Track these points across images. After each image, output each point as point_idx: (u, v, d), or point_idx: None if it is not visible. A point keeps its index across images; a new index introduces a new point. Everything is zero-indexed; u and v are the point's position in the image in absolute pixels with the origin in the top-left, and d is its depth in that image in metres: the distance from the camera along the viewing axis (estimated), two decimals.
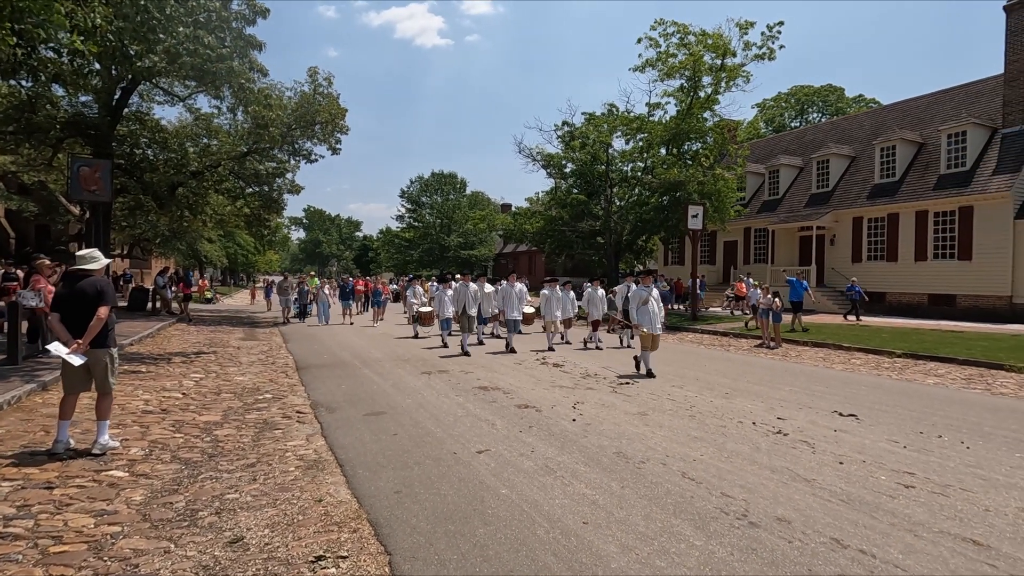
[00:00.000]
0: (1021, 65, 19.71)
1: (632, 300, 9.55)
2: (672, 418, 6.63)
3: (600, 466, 4.89)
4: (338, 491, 4.38)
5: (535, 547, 3.41)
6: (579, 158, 27.06)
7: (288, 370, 10.11)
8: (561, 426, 6.21)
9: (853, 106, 51.46)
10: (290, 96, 19.39)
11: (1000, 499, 4.20)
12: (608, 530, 3.64)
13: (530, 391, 8.15)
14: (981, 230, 19.41)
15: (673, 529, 3.66)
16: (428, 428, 6.11)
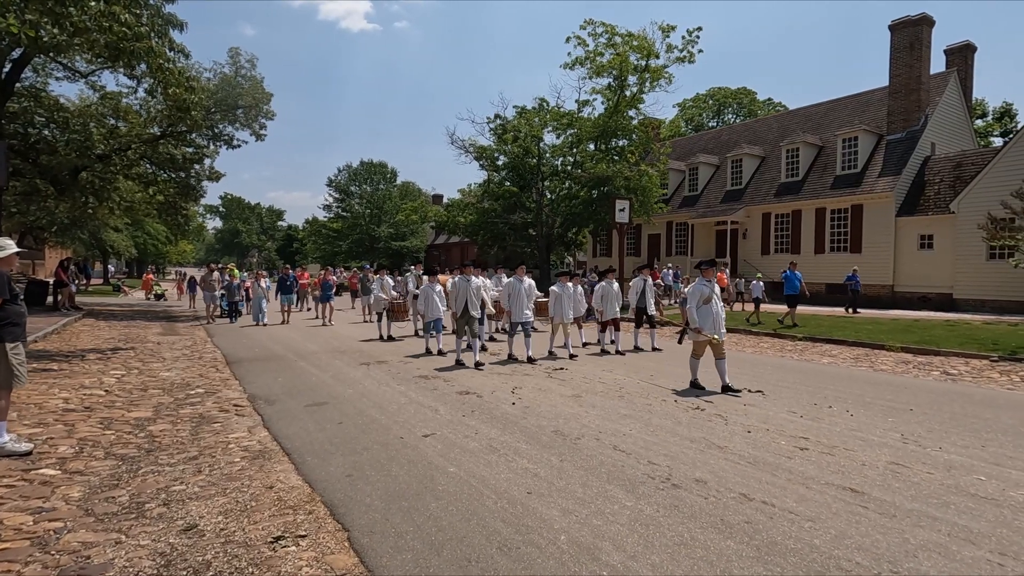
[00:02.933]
0: (903, 79, 22.11)
1: (691, 297, 7.61)
2: (604, 399, 7.14)
3: (540, 443, 5.27)
4: (288, 478, 4.48)
5: (485, 516, 3.72)
6: (511, 151, 27.45)
7: (218, 364, 9.80)
8: (502, 409, 6.54)
9: (764, 109, 55.23)
10: (209, 78, 18.39)
11: (874, 455, 4.97)
12: (550, 498, 4.01)
13: (469, 379, 8.43)
14: (869, 226, 21.69)
15: (607, 494, 4.09)
16: (373, 416, 6.25)
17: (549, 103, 28.48)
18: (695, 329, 7.43)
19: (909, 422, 6.14)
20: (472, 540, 3.40)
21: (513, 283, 10.14)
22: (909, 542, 3.37)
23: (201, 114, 15.98)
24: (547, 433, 5.60)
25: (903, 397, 7.47)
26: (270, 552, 3.30)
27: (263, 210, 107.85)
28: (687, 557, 3.19)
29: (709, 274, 7.71)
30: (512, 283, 10.15)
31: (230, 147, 20.60)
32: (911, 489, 4.20)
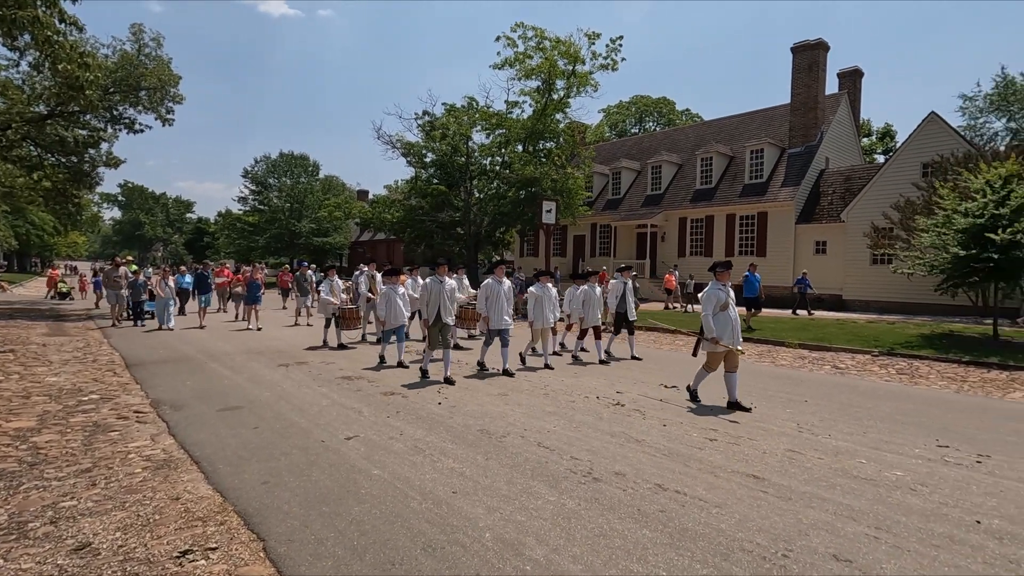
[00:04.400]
0: (803, 97, 24.09)
1: (706, 304, 6.81)
2: (529, 397, 7.26)
3: (466, 443, 5.28)
4: (197, 487, 4.22)
5: (409, 517, 3.69)
6: (440, 149, 27.22)
7: (116, 368, 9.01)
8: (428, 409, 6.49)
9: (682, 119, 58.21)
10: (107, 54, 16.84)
11: (774, 444, 5.41)
12: (475, 496, 4.04)
13: (395, 379, 8.29)
14: (773, 232, 23.46)
15: (531, 490, 4.17)
16: (292, 419, 6.00)
17: (478, 102, 28.51)
18: (712, 339, 6.68)
19: (804, 412, 6.72)
20: (396, 543, 3.36)
21: (492, 285, 8.83)
22: (802, 522, 3.70)
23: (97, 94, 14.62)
24: (473, 432, 5.62)
25: (799, 390, 8.16)
26: (176, 568, 3.10)
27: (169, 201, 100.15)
28: (606, 547, 3.32)
29: (724, 277, 6.90)
30: (491, 285, 8.84)
31: (132, 131, 18.94)
32: (804, 473, 4.60)
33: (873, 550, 3.33)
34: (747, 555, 3.25)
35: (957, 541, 3.47)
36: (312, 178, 53.68)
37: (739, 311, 7.88)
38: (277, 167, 51.31)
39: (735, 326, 6.77)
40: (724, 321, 6.73)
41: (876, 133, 43.37)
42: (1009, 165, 11.79)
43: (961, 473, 4.68)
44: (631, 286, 11.12)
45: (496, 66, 24.83)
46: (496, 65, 24.85)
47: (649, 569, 3.09)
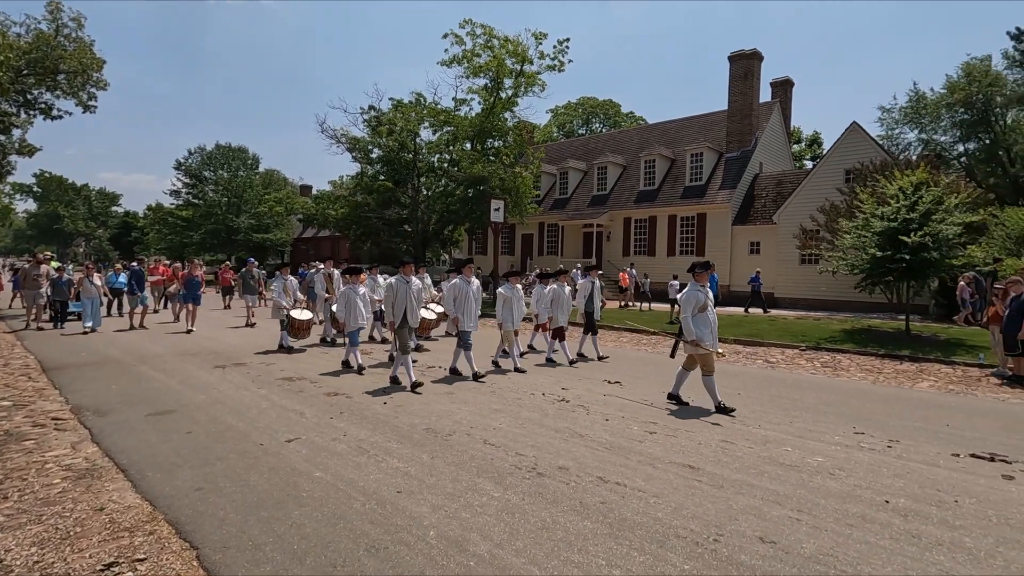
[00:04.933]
0: (739, 104, 25.24)
1: (685, 305, 6.66)
2: (476, 395, 7.29)
3: (412, 442, 5.25)
4: (124, 497, 4.01)
5: (352, 519, 3.65)
6: (386, 144, 26.75)
7: (31, 372, 8.38)
8: (373, 410, 6.40)
9: (627, 121, 59.69)
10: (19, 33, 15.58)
11: (709, 435, 5.67)
12: (420, 495, 4.04)
13: (339, 380, 8.12)
14: (711, 232, 24.46)
15: (477, 487, 4.21)
16: (229, 423, 5.78)
17: (426, 99, 28.22)
18: (692, 341, 6.60)
19: (737, 405, 7.08)
20: (338, 545, 3.31)
21: (460, 285, 8.35)
22: (732, 507, 3.91)
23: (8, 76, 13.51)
24: (419, 431, 5.59)
25: (734, 384, 8.58)
26: None
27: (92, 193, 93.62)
28: (549, 540, 3.40)
29: (703, 278, 6.81)
30: (459, 285, 8.36)
31: (49, 117, 17.60)
32: (736, 462, 4.86)
33: (795, 531, 3.57)
34: (681, 541, 3.41)
35: (868, 520, 3.76)
36: (251, 172, 51.55)
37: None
38: (213, 159, 48.94)
39: (714, 328, 6.74)
40: (704, 323, 6.65)
41: (805, 140, 45.99)
42: (919, 173, 12.81)
43: (874, 457, 5.07)
44: (598, 285, 10.98)
45: (444, 63, 24.65)
46: (444, 62, 24.67)
47: (589, 559, 3.19)
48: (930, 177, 12.91)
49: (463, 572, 3.04)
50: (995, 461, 5.03)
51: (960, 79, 32.01)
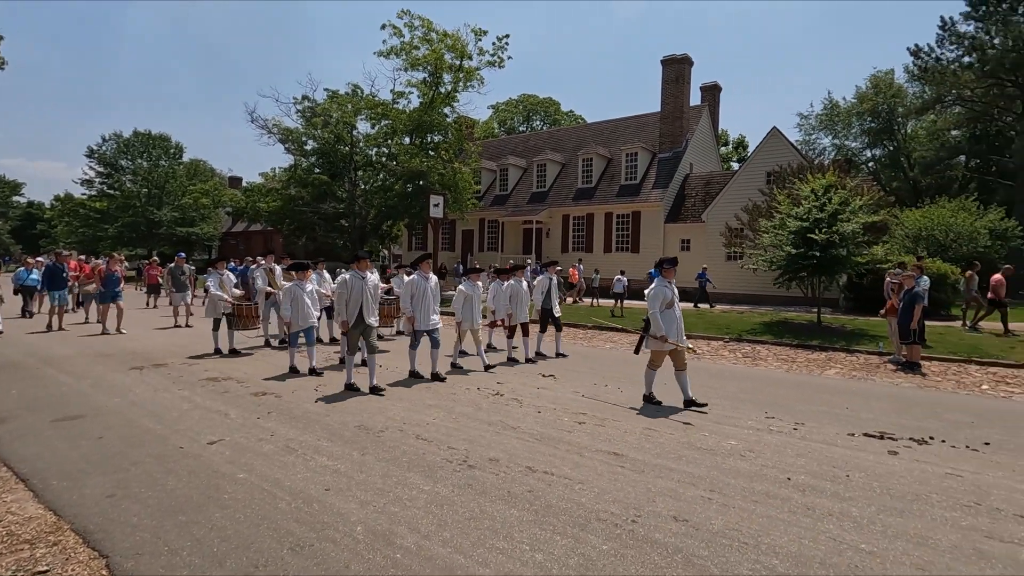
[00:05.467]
0: (671, 107, 26.25)
1: (652, 301, 6.64)
2: (411, 392, 7.27)
3: (342, 439, 5.20)
4: (24, 507, 3.76)
5: (277, 518, 3.59)
6: (321, 136, 25.98)
7: None
8: (303, 408, 6.27)
9: (566, 119, 60.64)
10: None
11: (633, 424, 5.95)
12: (349, 492, 4.02)
13: (269, 379, 7.88)
14: (645, 230, 25.36)
15: (407, 481, 4.24)
16: (146, 426, 5.50)
17: (363, 90, 27.61)
18: (660, 337, 6.57)
19: (664, 395, 7.42)
20: (261, 545, 3.27)
21: (417, 281, 7.96)
22: (651, 490, 4.14)
23: None
24: (350, 429, 5.54)
25: (661, 375, 8.95)
26: None
27: None
28: (475, 529, 3.50)
29: (670, 274, 6.80)
30: (416, 281, 7.97)
31: None
32: (657, 448, 5.13)
33: (706, 509, 3.84)
34: (602, 524, 3.59)
35: (771, 496, 4.09)
36: (174, 161, 48.56)
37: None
38: (131, 147, 45.70)
39: (680, 324, 6.75)
40: (670, 319, 6.64)
41: (732, 143, 48.43)
42: (828, 177, 13.84)
43: (781, 439, 5.50)
44: (556, 281, 10.80)
45: (382, 54, 24.20)
46: (382, 53, 24.22)
47: (514, 544, 3.31)
48: (838, 180, 13.97)
49: (389, 565, 3.08)
50: (883, 439, 5.57)
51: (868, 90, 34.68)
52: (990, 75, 27.45)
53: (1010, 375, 9.50)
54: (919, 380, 9.08)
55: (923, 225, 21.09)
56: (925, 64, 29.42)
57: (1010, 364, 10.09)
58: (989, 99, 28.55)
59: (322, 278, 10.91)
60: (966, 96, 28.48)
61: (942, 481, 4.45)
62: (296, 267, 8.53)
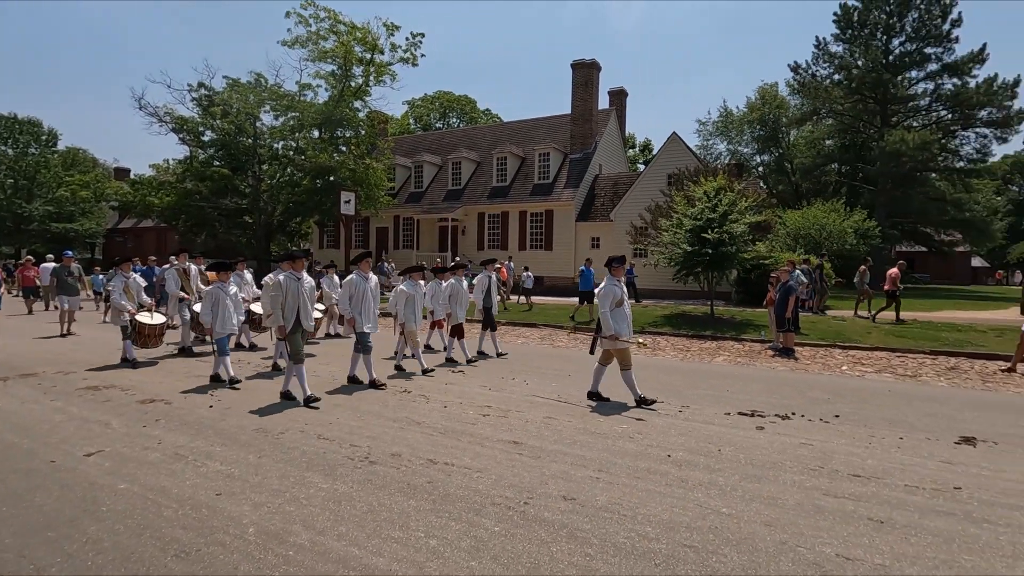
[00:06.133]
0: (581, 109, 27.21)
1: (602, 301, 6.62)
2: (315, 391, 7.12)
3: (238, 443, 5.05)
4: None
5: (162, 527, 3.46)
6: (221, 127, 24.45)
7: None
8: (197, 414, 5.98)
9: (483, 118, 60.92)
10: None
11: (535, 414, 6.23)
12: (243, 495, 3.94)
13: (158, 384, 7.41)
14: (558, 228, 26.14)
15: (305, 481, 4.21)
16: (10, 441, 5.02)
17: (267, 80, 26.27)
18: (611, 336, 6.57)
19: (567, 385, 7.82)
20: (143, 554, 3.15)
21: (356, 281, 7.53)
22: (544, 474, 4.40)
23: None
24: (248, 432, 5.38)
25: (567, 366, 9.41)
26: None
27: None
28: (372, 521, 3.57)
29: (619, 273, 6.82)
30: (355, 281, 7.53)
31: None
32: (555, 435, 5.43)
33: (593, 487, 4.15)
34: (496, 507, 3.79)
35: (652, 472, 4.49)
36: (47, 149, 43.59)
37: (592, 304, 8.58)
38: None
39: (630, 322, 6.77)
40: (620, 317, 6.62)
41: (639, 146, 50.95)
42: (719, 180, 15.03)
43: (667, 421, 5.99)
44: (495, 280, 10.72)
45: (286, 44, 23.16)
46: (287, 43, 23.18)
47: (409, 533, 3.42)
48: (727, 183, 15.20)
49: (281, 562, 3.09)
50: (754, 416, 6.23)
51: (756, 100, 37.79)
52: (855, 92, 30.88)
53: (865, 356, 10.86)
54: (792, 364, 10.16)
55: (801, 225, 23.40)
56: (803, 79, 32.56)
57: (866, 347, 11.52)
58: (855, 113, 32.10)
59: (242, 280, 10.21)
60: (837, 109, 31.84)
61: (796, 450, 5.08)
62: (217, 267, 7.84)
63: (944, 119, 31.33)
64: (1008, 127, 29.65)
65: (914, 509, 3.85)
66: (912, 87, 31.75)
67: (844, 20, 32.39)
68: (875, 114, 31.74)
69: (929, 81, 31.30)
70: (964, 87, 29.96)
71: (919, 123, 31.99)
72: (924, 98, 31.53)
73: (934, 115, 31.82)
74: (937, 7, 30.31)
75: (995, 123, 29.73)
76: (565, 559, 3.14)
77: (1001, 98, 28.80)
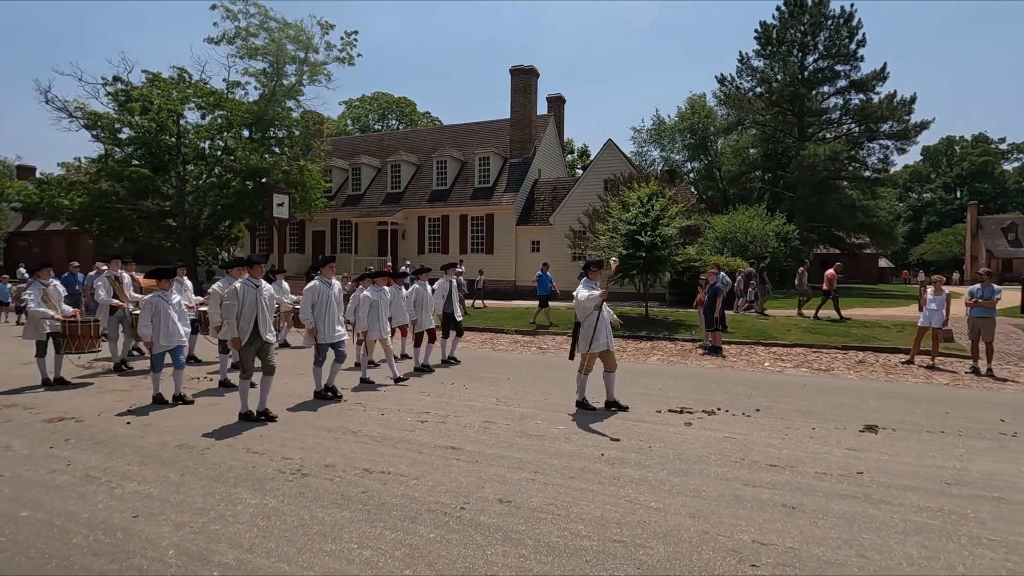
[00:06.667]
0: (520, 114, 27.52)
1: (582, 307, 6.48)
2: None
3: (159, 461, 4.77)
4: None
5: (70, 554, 3.24)
6: (140, 124, 22.95)
7: None
8: (111, 432, 5.61)
9: (423, 120, 60.37)
10: None
11: (474, 418, 6.25)
12: (163, 516, 3.74)
13: (67, 401, 6.88)
14: (498, 232, 26.30)
15: (232, 497, 4.05)
16: None
17: (192, 76, 24.93)
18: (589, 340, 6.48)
19: (504, 389, 7.89)
20: None
21: (319, 288, 7.06)
22: (482, 478, 4.44)
23: None
24: (169, 449, 5.10)
25: (506, 370, 9.49)
26: None
27: None
28: (303, 536, 3.48)
29: (597, 276, 6.70)
30: (318, 288, 7.05)
31: None
32: (494, 439, 5.48)
33: (528, 489, 4.22)
34: (432, 514, 3.79)
35: (586, 471, 4.62)
36: None
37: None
38: None
39: (609, 327, 6.68)
40: (598, 321, 6.49)
41: (577, 151, 52.11)
42: (651, 186, 15.63)
43: (601, 420, 6.17)
44: (456, 284, 10.48)
45: (213, 40, 22.08)
46: (213, 39, 22.10)
47: (342, 546, 3.36)
48: (660, 189, 15.83)
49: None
50: (683, 413, 6.53)
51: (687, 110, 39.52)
52: (775, 104, 32.96)
53: (785, 353, 11.60)
54: (720, 361, 10.70)
55: (728, 229, 24.66)
56: (728, 91, 34.40)
57: (786, 344, 12.30)
58: (776, 124, 34.25)
59: (183, 286, 9.52)
60: (759, 120, 33.86)
61: (720, 444, 5.37)
62: (158, 274, 7.09)
63: (853, 131, 33.97)
64: (907, 139, 32.54)
65: (822, 494, 4.16)
66: (825, 101, 34.25)
67: (764, 37, 34.52)
68: (793, 125, 33.98)
69: (839, 96, 33.90)
70: (869, 102, 32.63)
71: (832, 134, 34.53)
72: (835, 111, 34.10)
73: (844, 127, 34.46)
74: (845, 28, 32.86)
75: (896, 135, 32.56)
76: (499, 561, 3.19)
77: (900, 112, 31.57)
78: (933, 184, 70.97)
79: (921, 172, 71.74)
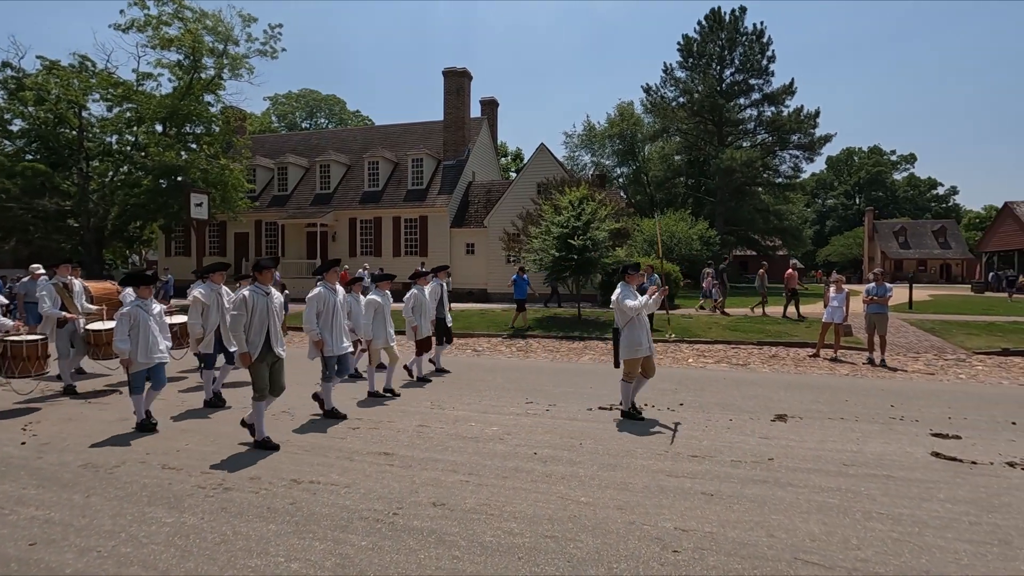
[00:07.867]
0: (453, 116, 27.44)
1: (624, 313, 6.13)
2: (160, 416, 6.42)
3: (59, 484, 4.40)
4: None
5: None
6: (35, 115, 20.98)
7: None
8: (2, 453, 5.10)
9: (353, 119, 58.85)
10: None
11: (408, 423, 6.20)
12: (65, 542, 3.46)
13: None
14: (432, 234, 26.08)
15: (145, 517, 3.80)
16: None
17: (96, 65, 23.05)
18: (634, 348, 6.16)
19: (439, 392, 7.86)
20: None
21: (324, 295, 6.36)
22: (415, 482, 4.42)
23: None
24: (72, 469, 4.71)
25: (441, 373, 9.44)
26: None
27: None
28: (226, 552, 3.33)
29: (635, 280, 6.40)
30: (323, 295, 6.35)
31: None
32: (427, 443, 5.45)
33: (462, 491, 4.25)
34: (363, 522, 3.73)
35: (520, 470, 4.70)
36: None
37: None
38: None
39: (649, 332, 6.34)
40: (637, 328, 6.22)
41: (510, 155, 52.60)
42: (581, 190, 16.06)
43: (535, 420, 6.29)
44: (447, 289, 9.97)
45: (120, 28, 20.53)
46: (120, 26, 20.55)
47: (268, 560, 3.25)
48: (590, 193, 16.29)
49: None
50: (611, 410, 6.77)
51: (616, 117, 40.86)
52: (697, 114, 34.76)
53: (707, 349, 12.25)
54: None
55: (655, 232, 25.71)
56: (654, 100, 35.92)
57: (708, 341, 13.00)
58: (697, 132, 36.11)
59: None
60: (682, 128, 35.58)
61: (646, 438, 5.62)
62: (135, 280, 6.20)
63: (766, 141, 36.41)
64: (812, 150, 35.27)
65: (737, 480, 4.46)
66: (741, 112, 36.49)
67: (686, 50, 36.33)
68: (713, 134, 35.96)
69: (754, 108, 36.24)
70: (779, 115, 35.11)
71: (748, 143, 36.84)
72: (750, 122, 36.42)
73: (759, 137, 36.87)
74: (757, 44, 35.19)
75: (803, 146, 35.20)
76: (433, 564, 3.20)
77: (807, 126, 34.18)
78: (836, 191, 77.31)
79: (826, 180, 77.93)
